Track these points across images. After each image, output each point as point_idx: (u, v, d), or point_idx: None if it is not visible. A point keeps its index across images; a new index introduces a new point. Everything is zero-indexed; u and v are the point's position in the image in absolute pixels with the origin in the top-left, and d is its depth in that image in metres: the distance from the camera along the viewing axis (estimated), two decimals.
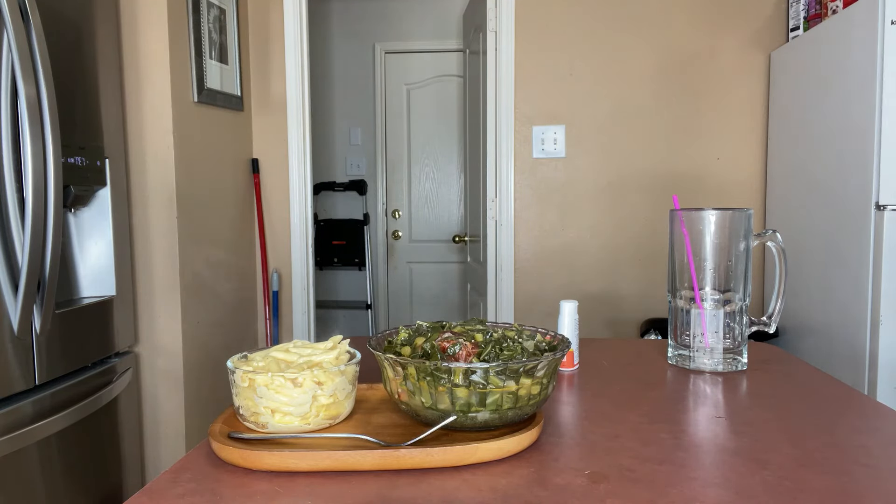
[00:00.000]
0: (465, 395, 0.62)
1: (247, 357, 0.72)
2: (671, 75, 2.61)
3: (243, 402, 0.67)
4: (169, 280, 2.10)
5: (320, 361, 0.70)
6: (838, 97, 2.04)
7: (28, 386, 1.52)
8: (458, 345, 0.67)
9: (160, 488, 0.58)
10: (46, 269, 1.51)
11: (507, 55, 2.62)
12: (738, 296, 0.93)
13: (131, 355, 2.00)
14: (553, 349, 0.70)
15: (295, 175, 2.71)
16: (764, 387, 0.86)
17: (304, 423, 0.67)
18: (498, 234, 2.68)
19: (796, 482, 0.57)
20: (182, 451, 2.16)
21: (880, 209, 1.81)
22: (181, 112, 2.12)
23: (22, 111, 1.43)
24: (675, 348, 0.97)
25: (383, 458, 0.59)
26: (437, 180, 4.13)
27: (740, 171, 2.63)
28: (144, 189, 2.08)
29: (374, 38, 4.05)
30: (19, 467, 1.47)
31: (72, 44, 1.70)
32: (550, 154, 2.65)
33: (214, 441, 0.63)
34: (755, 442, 0.66)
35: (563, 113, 2.65)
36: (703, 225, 0.93)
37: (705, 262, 0.93)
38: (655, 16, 2.60)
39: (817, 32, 2.20)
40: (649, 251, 2.62)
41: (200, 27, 2.24)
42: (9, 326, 1.45)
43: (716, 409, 0.78)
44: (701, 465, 0.61)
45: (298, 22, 2.67)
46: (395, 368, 0.66)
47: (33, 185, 1.46)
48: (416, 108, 4.09)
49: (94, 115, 1.81)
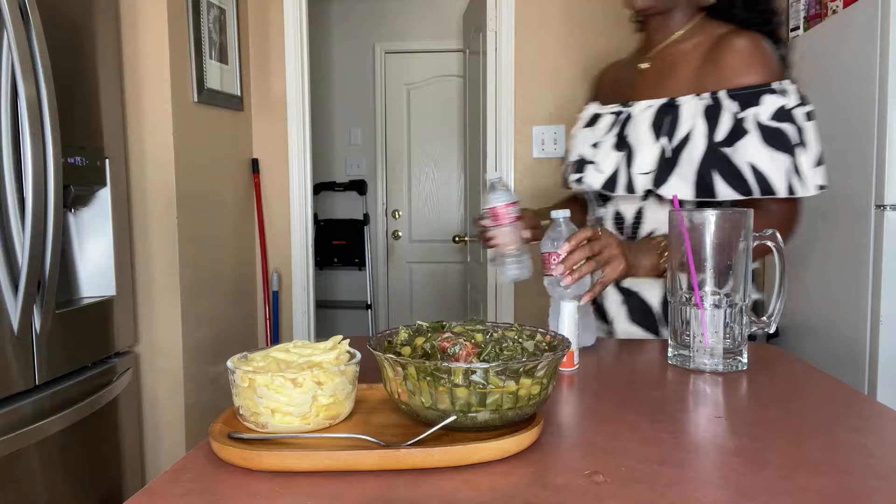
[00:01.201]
0: (465, 395, 0.62)
1: (247, 357, 0.72)
2: None
3: (243, 402, 0.67)
4: (169, 280, 2.10)
5: (320, 361, 0.70)
6: (838, 97, 2.04)
7: (28, 386, 1.51)
8: (458, 345, 0.67)
9: (160, 488, 0.58)
10: (46, 269, 1.51)
11: (507, 55, 2.62)
12: (738, 296, 0.93)
13: (131, 355, 2.00)
14: (553, 349, 0.70)
15: (295, 175, 2.71)
16: (764, 387, 0.86)
17: (304, 423, 0.67)
18: None
19: (796, 482, 0.57)
20: (182, 451, 2.16)
21: (880, 209, 1.81)
22: (181, 112, 2.12)
23: (22, 111, 1.43)
24: (675, 348, 0.97)
25: (383, 458, 0.59)
26: (437, 180, 4.13)
27: None
28: (144, 189, 2.08)
29: (374, 38, 4.05)
30: (19, 467, 1.47)
31: (72, 44, 1.70)
32: (550, 154, 2.65)
33: (214, 441, 0.63)
34: (755, 442, 0.66)
35: (563, 113, 2.65)
36: (703, 225, 0.93)
37: (705, 262, 0.93)
38: None
39: (817, 32, 2.20)
40: None
41: (200, 27, 2.24)
42: (9, 326, 1.45)
43: (716, 409, 0.78)
44: (701, 465, 0.61)
45: (298, 22, 2.67)
46: (395, 368, 0.66)
47: (33, 185, 1.46)
48: (416, 108, 4.09)
49: (94, 115, 1.81)
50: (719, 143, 1.09)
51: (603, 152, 1.22)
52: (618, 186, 1.18)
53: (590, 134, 1.27)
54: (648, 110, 1.18)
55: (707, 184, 1.10)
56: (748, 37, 1.12)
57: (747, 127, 1.08)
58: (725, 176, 1.09)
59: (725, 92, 1.11)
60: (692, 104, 1.13)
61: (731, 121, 1.09)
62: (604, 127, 1.25)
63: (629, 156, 1.17)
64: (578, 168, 1.26)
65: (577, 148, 1.29)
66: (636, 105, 1.21)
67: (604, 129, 1.25)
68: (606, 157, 1.21)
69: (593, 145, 1.25)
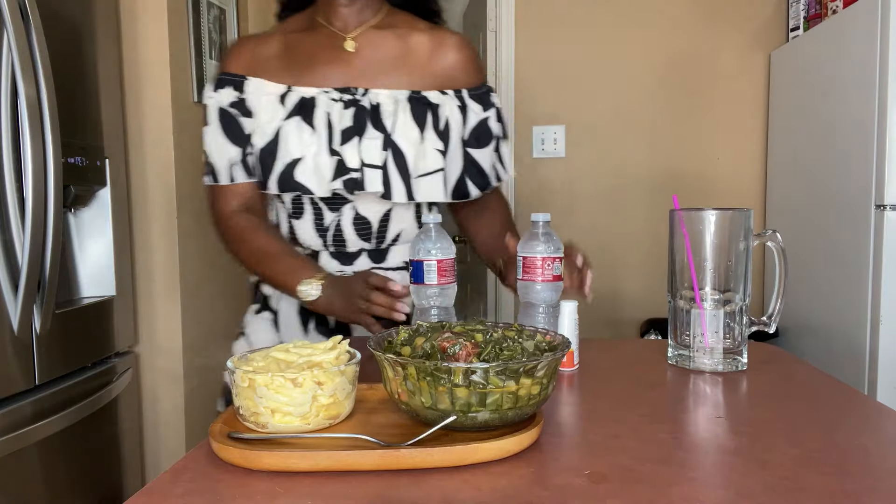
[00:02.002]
0: (465, 395, 0.62)
1: (247, 357, 0.72)
2: (671, 75, 2.61)
3: (243, 402, 0.67)
4: (169, 280, 2.10)
5: (320, 361, 0.70)
6: (838, 97, 2.04)
7: (28, 386, 1.51)
8: (458, 345, 0.67)
9: (160, 488, 0.58)
10: (46, 269, 1.51)
11: (507, 55, 2.62)
12: (738, 296, 0.93)
13: (131, 355, 2.00)
14: (553, 349, 0.70)
15: None
16: (764, 387, 0.86)
17: (304, 423, 0.67)
18: None
19: (796, 482, 0.57)
20: (182, 451, 2.16)
21: (880, 209, 1.81)
22: (181, 112, 2.12)
23: (22, 111, 1.43)
24: (675, 348, 0.97)
25: (383, 458, 0.59)
26: None
27: (740, 171, 2.63)
28: (144, 189, 2.08)
29: None
30: (19, 467, 1.47)
31: (72, 44, 1.70)
32: (550, 154, 2.65)
33: (214, 441, 0.63)
34: (755, 442, 0.66)
35: (563, 113, 2.65)
36: (703, 225, 0.93)
37: (705, 262, 0.93)
38: (655, 16, 2.60)
39: (817, 32, 2.20)
40: (649, 251, 2.61)
41: (200, 27, 2.24)
42: (9, 326, 1.45)
43: (716, 409, 0.78)
44: (701, 465, 0.61)
45: None
46: (395, 368, 0.66)
47: (33, 185, 1.46)
48: None
49: (94, 115, 1.81)
50: (468, 143, 1.13)
51: (369, 150, 1.06)
52: (395, 193, 1.07)
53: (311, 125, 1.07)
54: (401, 104, 1.09)
55: (463, 185, 1.13)
56: (461, 36, 1.20)
57: (491, 126, 1.15)
58: (474, 177, 1.14)
59: (468, 92, 1.14)
60: (447, 104, 1.12)
61: (476, 121, 1.14)
62: (339, 116, 1.07)
63: (396, 153, 1.07)
64: (341, 169, 1.06)
65: (307, 141, 1.06)
66: (376, 94, 1.09)
67: (342, 118, 1.07)
68: (373, 154, 1.06)
69: (343, 140, 1.07)
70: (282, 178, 1.07)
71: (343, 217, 1.11)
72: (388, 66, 1.12)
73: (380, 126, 1.07)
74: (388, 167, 1.07)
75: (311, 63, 1.12)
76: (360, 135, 1.07)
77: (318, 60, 1.12)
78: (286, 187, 1.07)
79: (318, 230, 1.13)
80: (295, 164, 1.06)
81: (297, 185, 1.06)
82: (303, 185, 1.06)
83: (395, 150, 1.07)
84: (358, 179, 1.06)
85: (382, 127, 1.07)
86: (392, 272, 1.14)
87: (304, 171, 1.06)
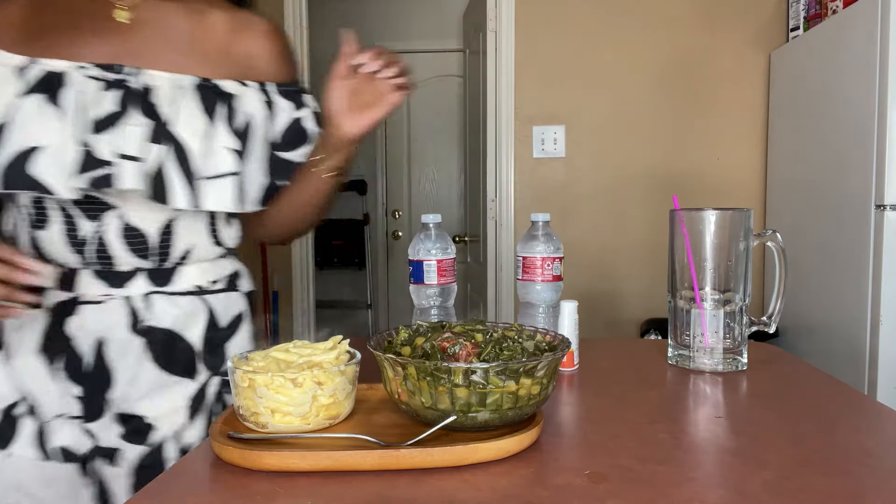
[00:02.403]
0: (465, 395, 0.62)
1: (247, 357, 0.72)
2: (671, 75, 2.61)
3: (243, 402, 0.67)
4: None
5: (320, 361, 0.70)
6: (838, 97, 2.04)
7: None
8: (458, 345, 0.67)
9: (160, 488, 0.58)
10: None
11: (507, 55, 2.62)
12: (738, 296, 0.93)
13: None
14: (553, 349, 0.70)
15: None
16: (764, 387, 0.86)
17: (304, 423, 0.67)
18: (498, 235, 2.68)
19: (796, 482, 0.57)
20: None
21: (880, 209, 1.81)
22: None
23: None
24: (675, 348, 0.97)
25: (383, 458, 0.59)
26: (437, 180, 4.13)
27: (740, 171, 2.63)
28: None
29: (375, 38, 4.05)
30: None
31: None
32: (550, 154, 2.65)
33: (214, 441, 0.63)
34: (755, 442, 0.66)
35: (563, 113, 2.65)
36: (703, 225, 0.93)
37: (705, 262, 0.93)
38: (656, 16, 2.60)
39: (817, 32, 2.20)
40: (649, 251, 2.61)
41: None
42: None
43: (716, 409, 0.78)
44: (701, 465, 0.61)
45: (298, 22, 2.67)
46: (395, 368, 0.66)
47: None
48: (417, 107, 4.09)
49: None
50: (279, 146, 0.97)
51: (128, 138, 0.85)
52: (174, 196, 0.86)
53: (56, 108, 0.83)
54: (185, 91, 0.89)
55: (273, 193, 0.97)
56: (273, 22, 1.00)
57: (306, 126, 0.98)
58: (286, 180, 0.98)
59: (276, 87, 0.97)
60: (247, 96, 0.93)
61: (287, 122, 0.97)
62: (95, 98, 0.85)
63: (178, 149, 0.87)
64: (89, 163, 0.83)
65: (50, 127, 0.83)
66: (153, 76, 0.88)
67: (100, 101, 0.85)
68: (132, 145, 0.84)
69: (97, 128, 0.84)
70: (8, 171, 0.82)
71: (107, 227, 0.88)
72: (174, 46, 0.92)
73: (152, 114, 0.86)
74: (166, 165, 0.85)
75: (68, 32, 0.89)
76: (120, 122, 0.85)
77: (78, 29, 0.89)
78: (15, 183, 0.82)
79: (72, 243, 0.88)
80: (28, 154, 0.82)
81: (30, 180, 0.82)
82: (37, 181, 0.82)
83: (176, 144, 0.86)
84: (109, 175, 0.83)
85: (156, 116, 0.86)
86: (181, 297, 0.92)
87: (40, 164, 0.82)
